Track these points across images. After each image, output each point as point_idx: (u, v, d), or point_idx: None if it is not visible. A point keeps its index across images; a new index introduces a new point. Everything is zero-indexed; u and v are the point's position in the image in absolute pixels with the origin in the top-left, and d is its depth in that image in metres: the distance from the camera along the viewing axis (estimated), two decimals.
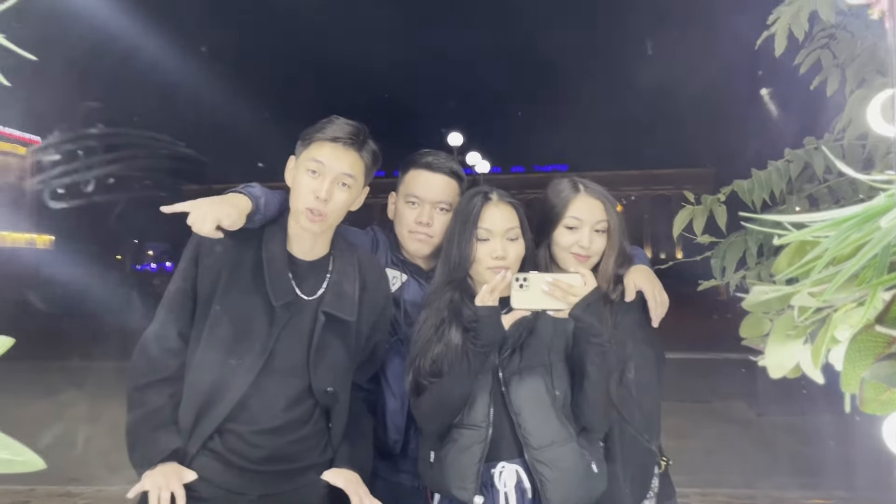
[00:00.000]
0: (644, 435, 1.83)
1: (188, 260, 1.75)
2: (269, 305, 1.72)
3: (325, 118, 1.79)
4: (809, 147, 2.27)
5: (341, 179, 1.73)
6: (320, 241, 1.82)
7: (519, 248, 1.79)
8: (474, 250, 1.77)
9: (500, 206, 1.80)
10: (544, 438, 1.69)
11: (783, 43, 2.40)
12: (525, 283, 1.69)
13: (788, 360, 0.73)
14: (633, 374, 1.82)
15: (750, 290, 2.19)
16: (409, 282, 2.07)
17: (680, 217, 2.36)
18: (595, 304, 1.68)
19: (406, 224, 2.05)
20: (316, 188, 1.71)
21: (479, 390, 1.72)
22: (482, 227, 1.77)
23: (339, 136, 1.73)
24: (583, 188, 1.93)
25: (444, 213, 2.04)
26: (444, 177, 2.07)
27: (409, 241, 2.06)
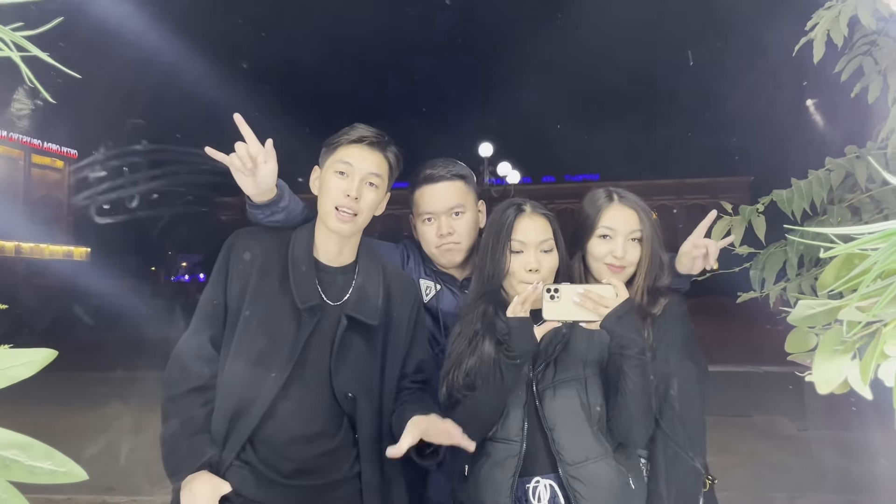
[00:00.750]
0: (689, 452, 1.79)
1: (218, 268, 1.79)
2: (296, 310, 1.74)
3: (348, 126, 1.83)
4: (851, 156, 2.22)
5: (369, 179, 1.78)
6: (347, 247, 1.84)
7: (553, 260, 1.78)
8: (508, 263, 1.76)
9: (533, 218, 1.79)
10: (579, 454, 1.67)
11: (822, 49, 2.35)
12: (556, 295, 1.68)
13: (836, 376, 0.71)
14: (675, 391, 1.78)
15: (791, 301, 2.15)
16: (442, 291, 2.08)
17: (718, 228, 2.33)
18: (627, 315, 1.66)
19: (430, 241, 2.07)
20: (346, 187, 1.75)
21: (513, 404, 1.71)
22: (515, 239, 1.76)
23: (364, 136, 1.78)
24: (616, 197, 1.91)
25: (462, 217, 2.06)
26: (446, 183, 2.08)
27: (439, 255, 2.07)
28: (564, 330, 1.74)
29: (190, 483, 1.62)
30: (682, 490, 1.78)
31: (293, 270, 1.76)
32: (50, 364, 0.90)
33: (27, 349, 0.88)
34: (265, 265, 1.77)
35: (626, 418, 1.68)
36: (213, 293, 1.79)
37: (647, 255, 1.87)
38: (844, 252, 0.66)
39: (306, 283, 1.76)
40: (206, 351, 1.76)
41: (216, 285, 1.79)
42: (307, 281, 1.77)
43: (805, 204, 2.20)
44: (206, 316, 1.78)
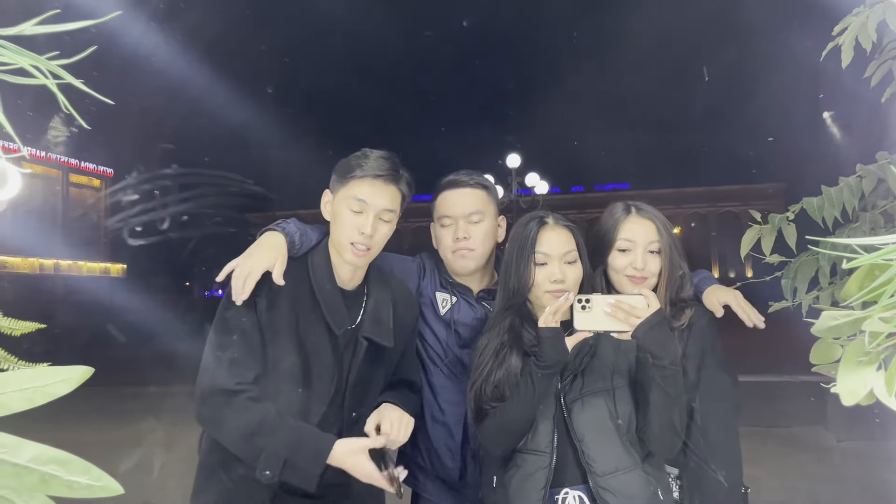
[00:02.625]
0: (721, 468, 1.76)
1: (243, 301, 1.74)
2: (329, 334, 1.77)
3: (358, 153, 1.82)
4: (882, 162, 2.19)
5: (383, 215, 1.79)
6: (359, 272, 1.87)
7: (577, 271, 1.78)
8: (532, 275, 1.76)
9: (556, 230, 1.79)
10: (608, 465, 1.67)
11: (850, 54, 2.33)
12: (587, 305, 1.68)
13: (861, 387, 0.70)
14: (706, 404, 1.76)
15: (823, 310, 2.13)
16: (458, 303, 2.10)
17: (747, 236, 2.30)
18: (658, 326, 1.65)
19: (446, 245, 2.08)
20: (360, 224, 1.76)
21: (542, 416, 1.71)
22: (539, 251, 1.76)
23: (379, 173, 1.77)
24: (634, 210, 1.91)
25: (480, 224, 2.07)
26: (469, 189, 2.10)
27: (453, 261, 2.08)
28: (591, 341, 1.74)
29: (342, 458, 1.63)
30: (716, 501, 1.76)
31: (322, 297, 1.78)
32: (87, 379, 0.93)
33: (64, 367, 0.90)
34: (289, 293, 1.77)
35: (658, 429, 1.67)
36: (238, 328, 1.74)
37: (666, 266, 1.86)
38: (867, 262, 0.66)
39: (338, 309, 1.79)
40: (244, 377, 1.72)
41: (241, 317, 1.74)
42: (338, 306, 1.79)
43: (836, 211, 2.17)
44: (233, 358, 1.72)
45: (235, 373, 1.69)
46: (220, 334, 1.74)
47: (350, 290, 1.86)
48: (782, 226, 2.27)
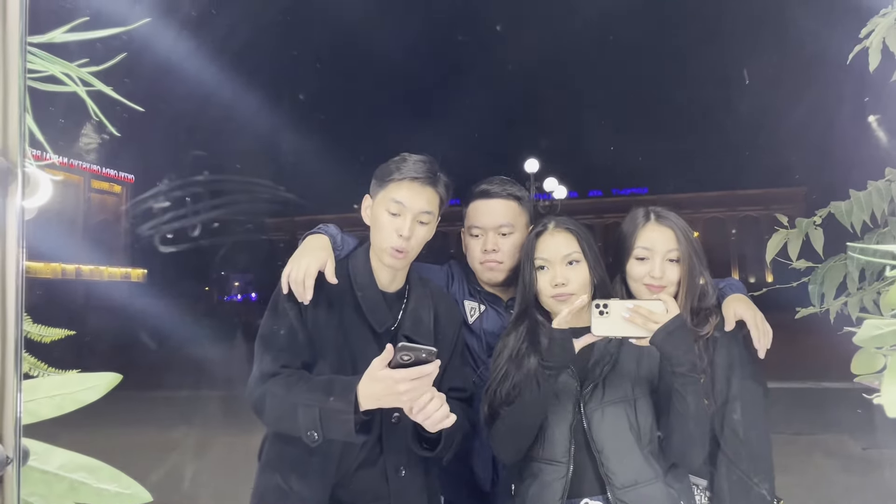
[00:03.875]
0: (754, 478, 1.73)
1: (287, 299, 1.79)
2: (371, 335, 1.79)
3: (397, 157, 1.84)
4: None
5: (420, 217, 1.80)
6: (399, 274, 1.88)
7: (581, 273, 1.78)
8: (535, 281, 1.79)
9: (555, 234, 1.81)
10: (628, 477, 1.64)
11: (877, 57, 2.29)
12: (605, 310, 1.66)
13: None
14: (738, 414, 1.73)
15: (852, 317, 2.09)
16: (487, 311, 2.09)
17: (773, 241, 2.27)
18: (678, 331, 1.62)
19: (475, 256, 2.08)
20: (399, 227, 1.78)
21: (558, 425, 1.70)
22: (539, 257, 1.79)
23: (416, 175, 1.78)
24: (654, 216, 1.88)
25: (509, 237, 2.06)
26: (500, 201, 2.08)
27: (481, 271, 2.08)
28: (612, 350, 1.72)
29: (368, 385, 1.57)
30: None
31: (362, 298, 1.81)
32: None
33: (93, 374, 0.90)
34: (331, 295, 1.80)
35: (680, 439, 1.64)
36: (285, 322, 1.79)
37: (685, 275, 1.83)
38: None
39: (379, 309, 1.81)
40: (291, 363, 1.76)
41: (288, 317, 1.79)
42: (379, 306, 1.81)
43: (865, 216, 2.13)
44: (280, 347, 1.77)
45: (282, 358, 1.74)
46: (268, 332, 1.79)
47: (391, 293, 1.87)
48: (809, 230, 2.24)
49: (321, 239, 1.86)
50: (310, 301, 1.76)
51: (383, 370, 1.54)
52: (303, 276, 1.74)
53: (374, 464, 1.77)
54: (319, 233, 1.89)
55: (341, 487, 1.75)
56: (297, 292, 1.75)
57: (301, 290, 1.74)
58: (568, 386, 1.72)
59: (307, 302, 1.75)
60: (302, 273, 1.74)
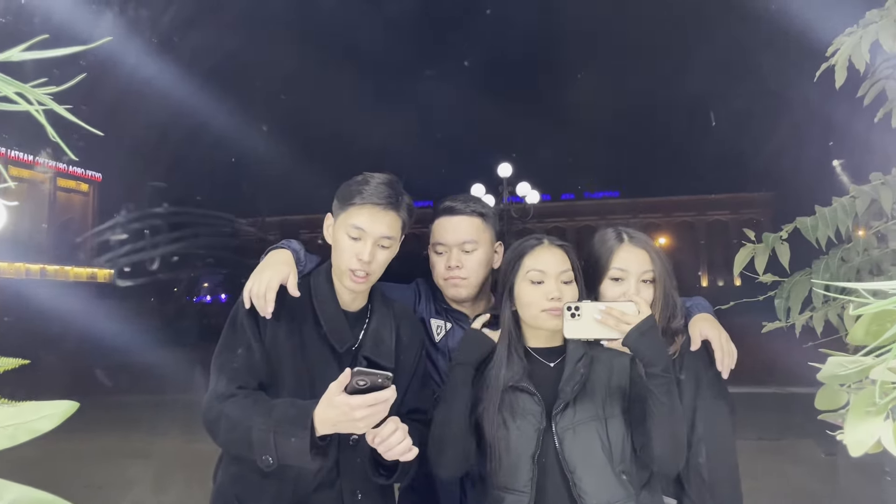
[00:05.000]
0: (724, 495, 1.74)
1: (247, 315, 1.76)
2: (333, 353, 1.76)
3: (359, 177, 1.82)
4: (876, 182, 2.19)
5: (381, 242, 1.78)
6: (361, 295, 1.87)
7: (573, 293, 1.75)
8: (525, 293, 1.74)
9: (551, 249, 1.77)
10: (600, 498, 1.62)
11: (843, 75, 2.33)
12: (577, 312, 1.66)
13: (869, 437, 0.68)
14: (704, 432, 1.74)
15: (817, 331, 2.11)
16: (453, 329, 2.08)
17: (741, 256, 2.29)
18: (650, 332, 1.62)
19: (439, 273, 2.07)
20: (359, 251, 1.76)
21: (521, 454, 1.67)
22: (535, 269, 1.73)
23: (378, 201, 1.76)
24: (627, 238, 1.88)
25: (473, 253, 2.05)
26: (464, 217, 2.08)
27: (446, 288, 2.08)
28: (582, 369, 1.71)
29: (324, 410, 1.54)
30: None
31: (323, 317, 1.78)
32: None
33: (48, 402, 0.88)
34: (292, 313, 1.78)
35: (661, 443, 1.63)
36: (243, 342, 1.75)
37: (660, 296, 1.83)
38: (876, 310, 0.64)
39: (340, 328, 1.79)
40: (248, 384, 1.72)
41: (246, 334, 1.75)
42: (340, 325, 1.79)
43: (830, 231, 2.16)
44: (237, 367, 1.74)
45: (238, 379, 1.71)
46: (226, 349, 1.76)
47: (353, 312, 1.85)
48: (776, 245, 2.27)
49: (284, 254, 1.84)
50: (270, 317, 1.73)
51: (340, 396, 1.51)
52: (264, 289, 1.71)
53: (330, 486, 1.74)
54: (282, 248, 1.88)
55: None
56: (258, 306, 1.72)
57: (262, 304, 1.71)
58: (531, 412, 1.69)
59: (269, 316, 1.72)
60: (264, 286, 1.72)
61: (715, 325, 1.85)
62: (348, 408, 1.49)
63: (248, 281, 1.76)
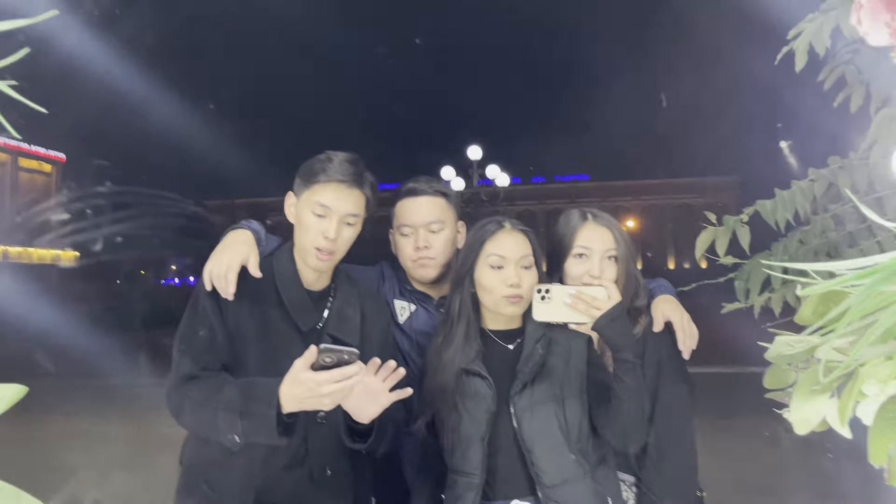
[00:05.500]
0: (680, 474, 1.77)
1: (208, 297, 1.75)
2: (297, 332, 1.76)
3: (322, 155, 1.81)
4: (834, 166, 2.23)
5: (347, 219, 1.78)
6: (324, 274, 1.86)
7: (532, 278, 1.76)
8: (485, 277, 1.74)
9: (513, 234, 1.77)
10: (557, 476, 1.65)
11: (804, 59, 2.36)
12: (547, 295, 1.67)
13: (814, 416, 0.70)
14: (664, 411, 1.77)
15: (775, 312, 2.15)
16: (418, 311, 2.09)
17: (702, 238, 2.32)
18: (620, 318, 1.65)
19: (407, 254, 2.07)
20: (324, 229, 1.75)
21: (473, 437, 1.68)
22: (495, 254, 1.73)
23: (342, 178, 1.76)
24: (591, 217, 1.91)
25: (440, 233, 2.06)
26: (427, 198, 2.09)
27: (413, 269, 2.08)
28: (541, 350, 1.72)
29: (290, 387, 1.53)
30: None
31: (286, 296, 1.78)
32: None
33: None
34: (254, 293, 1.77)
35: (623, 424, 1.66)
36: (205, 324, 1.74)
37: (622, 274, 1.86)
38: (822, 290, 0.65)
39: (303, 306, 1.79)
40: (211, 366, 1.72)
41: (207, 315, 1.74)
42: (303, 304, 1.79)
43: (788, 214, 2.20)
44: (199, 349, 1.73)
45: (201, 360, 1.71)
46: (187, 332, 1.75)
47: (316, 291, 1.85)
48: (736, 228, 2.30)
49: (243, 234, 1.83)
50: (232, 298, 1.72)
51: (305, 372, 1.50)
52: (225, 270, 1.71)
53: (299, 465, 1.74)
54: (242, 228, 1.86)
55: (266, 490, 1.72)
56: (219, 287, 1.71)
57: (223, 285, 1.71)
58: (482, 396, 1.70)
59: (230, 297, 1.71)
60: (224, 267, 1.71)
61: (677, 307, 1.88)
62: (314, 384, 1.49)
63: (208, 262, 1.75)
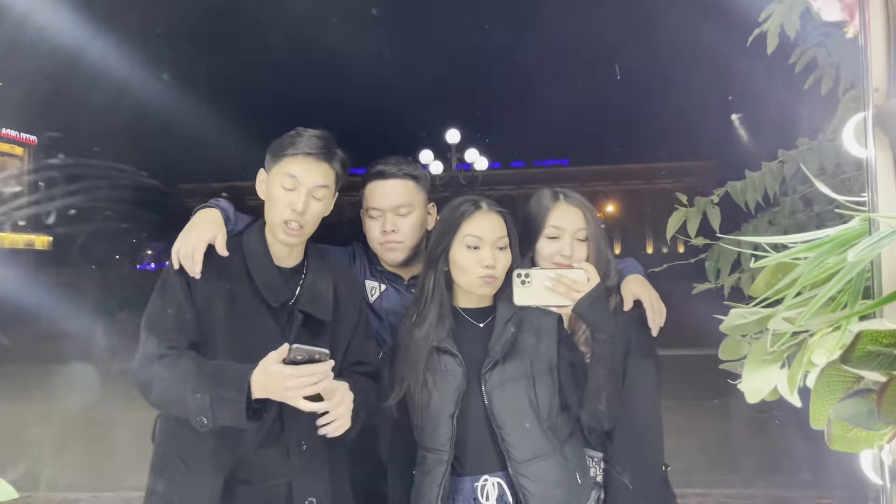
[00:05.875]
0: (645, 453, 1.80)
1: (176, 275, 1.74)
2: (268, 309, 1.75)
3: (292, 131, 1.81)
4: (803, 148, 2.26)
5: (315, 192, 1.77)
6: (296, 249, 1.85)
7: (507, 259, 1.77)
8: (459, 258, 1.74)
9: (489, 215, 1.77)
10: (527, 452, 1.68)
11: (775, 41, 2.38)
12: (527, 279, 1.69)
13: (765, 385, 0.71)
14: (630, 390, 1.79)
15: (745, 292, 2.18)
16: (388, 291, 2.09)
17: (674, 219, 2.35)
18: (599, 300, 1.68)
19: (374, 237, 2.07)
20: (292, 201, 1.75)
21: (442, 414, 1.71)
22: (471, 234, 1.74)
23: (310, 150, 1.76)
24: (562, 197, 1.92)
25: (408, 217, 2.06)
26: (397, 181, 2.08)
27: (381, 252, 2.08)
28: (512, 328, 1.73)
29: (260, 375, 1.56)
30: (640, 490, 1.80)
31: (256, 272, 1.77)
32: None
33: None
34: (223, 270, 1.76)
35: (597, 403, 1.69)
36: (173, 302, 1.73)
37: (593, 254, 1.88)
38: (774, 262, 0.66)
39: (274, 282, 1.78)
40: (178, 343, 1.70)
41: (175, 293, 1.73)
42: (274, 280, 1.78)
43: (758, 195, 2.23)
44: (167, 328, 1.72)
45: (168, 339, 1.70)
46: (156, 310, 1.75)
47: (287, 268, 1.84)
48: (707, 208, 2.33)
49: (212, 212, 1.82)
50: (199, 277, 1.72)
51: (275, 365, 1.54)
52: (192, 249, 1.70)
53: (275, 441, 1.74)
54: (210, 207, 1.85)
55: (241, 465, 1.72)
56: (186, 266, 1.71)
57: (190, 264, 1.71)
58: (452, 373, 1.72)
59: (197, 275, 1.71)
60: (191, 247, 1.71)
61: (646, 286, 1.90)
62: (281, 376, 1.53)
63: (176, 241, 1.74)
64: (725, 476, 4.88)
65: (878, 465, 0.64)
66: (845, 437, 0.57)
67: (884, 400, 0.50)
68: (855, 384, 0.55)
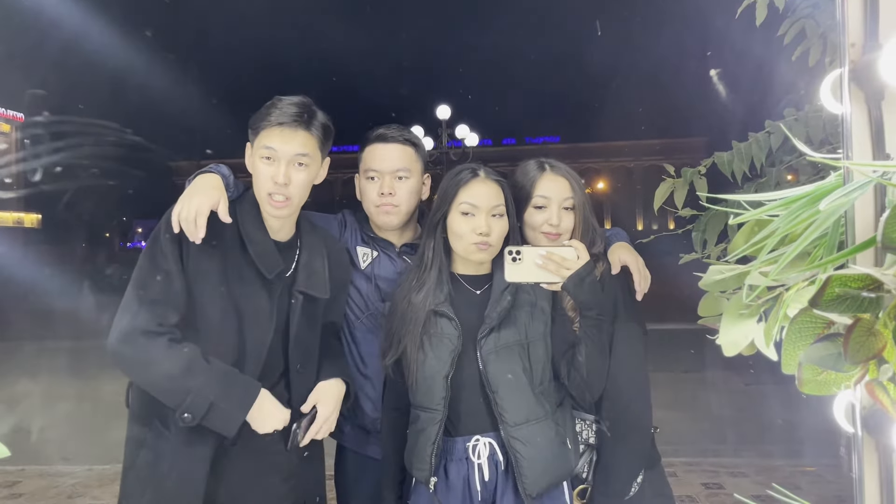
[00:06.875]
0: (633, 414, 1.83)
1: (169, 241, 1.70)
2: (262, 280, 1.74)
3: (269, 101, 1.79)
4: (790, 118, 2.26)
5: (296, 161, 1.75)
6: (287, 223, 1.85)
7: (503, 226, 1.78)
8: (456, 224, 1.76)
9: (486, 183, 1.79)
10: (520, 416, 1.71)
11: (764, 12, 2.38)
12: (518, 257, 1.71)
13: (742, 339, 0.73)
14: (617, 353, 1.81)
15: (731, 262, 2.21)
16: (380, 257, 2.09)
17: (661, 190, 2.36)
18: (589, 277, 1.71)
19: (370, 199, 2.07)
20: (273, 173, 1.74)
21: (437, 375, 1.73)
22: (467, 202, 1.76)
23: (283, 120, 1.73)
24: (549, 167, 1.93)
25: (405, 181, 2.06)
26: (397, 146, 2.08)
27: (377, 215, 2.07)
28: (508, 296, 1.76)
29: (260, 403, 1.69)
30: (630, 449, 1.83)
31: (250, 243, 1.75)
32: None
33: None
34: (217, 240, 1.73)
35: (584, 376, 1.73)
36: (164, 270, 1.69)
37: (580, 222, 1.90)
38: (752, 218, 0.67)
39: (268, 253, 1.76)
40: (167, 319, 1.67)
41: (168, 260, 1.68)
42: (269, 251, 1.77)
43: (745, 166, 2.24)
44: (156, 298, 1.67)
45: (158, 313, 1.66)
46: (144, 275, 1.70)
47: (282, 242, 1.84)
48: (694, 179, 2.34)
49: (213, 178, 1.79)
50: (200, 242, 1.68)
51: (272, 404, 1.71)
52: (194, 214, 1.66)
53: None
54: (211, 172, 1.82)
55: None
56: (188, 231, 1.67)
57: (192, 229, 1.66)
58: (448, 336, 1.75)
59: (199, 241, 1.67)
60: (193, 211, 1.66)
61: (632, 252, 1.92)
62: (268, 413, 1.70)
63: (177, 205, 1.70)
64: (714, 446, 4.95)
65: (850, 414, 0.66)
66: (815, 380, 0.58)
67: (850, 341, 0.51)
68: (826, 330, 0.57)
